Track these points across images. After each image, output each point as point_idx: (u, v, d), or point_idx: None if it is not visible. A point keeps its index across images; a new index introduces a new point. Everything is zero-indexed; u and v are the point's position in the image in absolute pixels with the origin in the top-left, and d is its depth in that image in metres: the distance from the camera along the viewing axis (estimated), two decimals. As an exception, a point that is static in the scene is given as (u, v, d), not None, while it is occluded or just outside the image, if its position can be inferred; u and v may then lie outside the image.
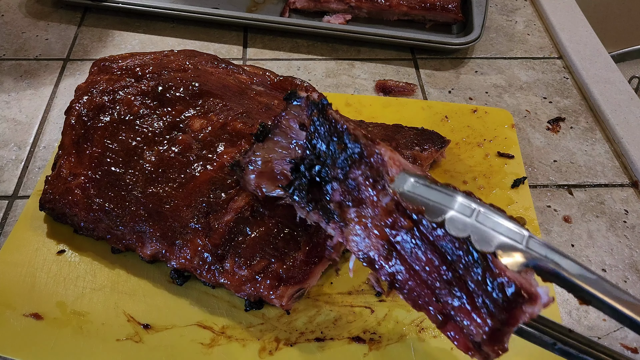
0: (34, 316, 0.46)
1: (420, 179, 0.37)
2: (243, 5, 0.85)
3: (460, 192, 0.36)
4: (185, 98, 0.55)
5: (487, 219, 0.35)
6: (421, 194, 0.37)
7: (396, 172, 0.38)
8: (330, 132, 0.40)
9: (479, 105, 0.71)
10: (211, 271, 0.46)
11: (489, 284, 0.33)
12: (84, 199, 0.50)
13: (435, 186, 0.37)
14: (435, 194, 0.37)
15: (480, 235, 0.34)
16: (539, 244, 0.34)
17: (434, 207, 0.36)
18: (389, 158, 0.38)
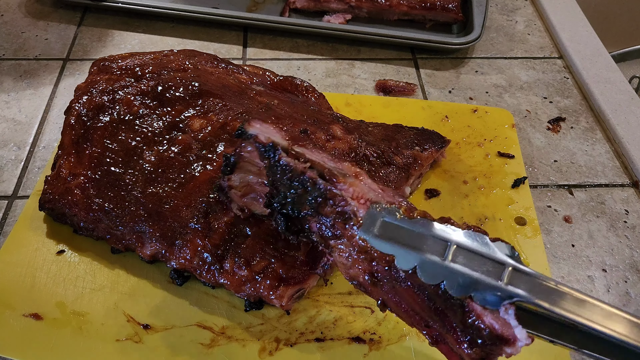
0: (34, 316, 0.46)
1: (390, 216, 0.36)
2: (243, 5, 0.85)
3: (434, 224, 0.34)
4: (185, 98, 0.55)
5: (464, 257, 0.33)
6: (391, 236, 0.35)
7: (363, 212, 0.37)
8: (289, 178, 0.39)
9: (479, 105, 0.70)
10: (211, 271, 0.46)
11: (468, 326, 0.33)
12: (83, 199, 0.50)
13: (406, 224, 0.35)
14: (406, 234, 0.35)
15: (454, 280, 0.33)
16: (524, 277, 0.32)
17: (404, 254, 0.35)
18: (353, 197, 0.37)
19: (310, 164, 0.39)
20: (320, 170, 0.38)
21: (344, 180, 0.38)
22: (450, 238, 0.34)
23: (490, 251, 0.33)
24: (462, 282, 0.33)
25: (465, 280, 0.32)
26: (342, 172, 0.39)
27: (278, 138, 0.41)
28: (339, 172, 0.39)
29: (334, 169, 0.39)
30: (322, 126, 0.54)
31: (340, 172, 0.39)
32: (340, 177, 0.38)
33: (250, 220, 0.47)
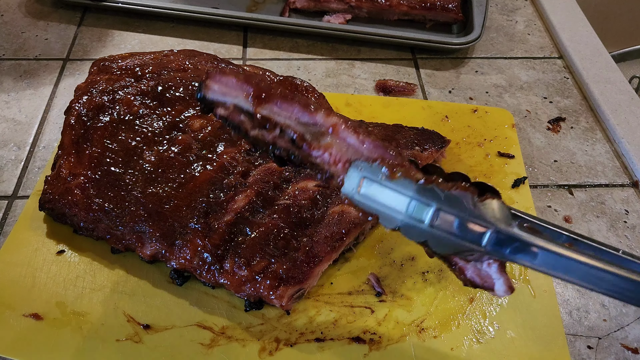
0: (34, 316, 0.46)
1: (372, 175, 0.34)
2: (243, 5, 0.85)
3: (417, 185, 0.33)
4: (185, 98, 0.55)
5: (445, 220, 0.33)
6: (374, 196, 0.35)
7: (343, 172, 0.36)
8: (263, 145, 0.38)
9: (479, 105, 0.70)
10: (211, 271, 0.46)
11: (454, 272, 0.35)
12: (83, 199, 0.50)
13: (388, 184, 0.34)
14: (389, 194, 0.34)
15: (437, 241, 0.33)
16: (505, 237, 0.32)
17: (387, 215, 0.34)
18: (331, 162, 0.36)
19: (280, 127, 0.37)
20: (291, 135, 0.37)
21: (318, 146, 0.36)
22: (432, 201, 0.33)
23: (473, 213, 0.32)
24: (443, 244, 0.33)
25: (446, 243, 0.33)
26: (317, 129, 0.36)
27: (241, 100, 0.38)
28: (312, 134, 0.36)
29: (306, 132, 0.36)
30: (322, 126, 0.54)
31: (314, 132, 0.36)
32: (314, 142, 0.36)
33: (251, 220, 0.47)
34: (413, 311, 0.48)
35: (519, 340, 0.46)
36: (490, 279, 0.33)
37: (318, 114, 0.36)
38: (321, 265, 0.46)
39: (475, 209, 0.32)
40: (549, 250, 0.31)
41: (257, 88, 0.37)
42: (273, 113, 0.37)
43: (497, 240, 0.32)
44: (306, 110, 0.36)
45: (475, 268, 0.34)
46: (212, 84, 0.38)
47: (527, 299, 0.49)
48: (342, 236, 0.47)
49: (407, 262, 0.51)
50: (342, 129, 0.36)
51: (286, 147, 0.37)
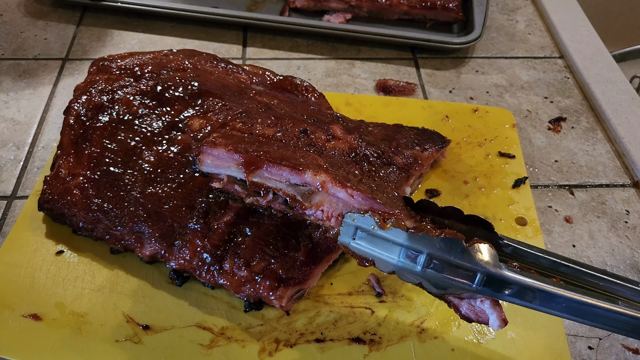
0: (33, 317, 0.46)
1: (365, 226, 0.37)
2: (243, 5, 0.85)
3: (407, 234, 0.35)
4: (184, 98, 0.55)
5: (437, 264, 0.35)
6: (368, 243, 0.37)
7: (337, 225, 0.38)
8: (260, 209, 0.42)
9: (479, 104, 0.70)
10: (210, 272, 0.46)
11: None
12: (82, 199, 0.50)
13: (380, 234, 0.36)
14: (382, 242, 0.36)
15: (430, 283, 0.35)
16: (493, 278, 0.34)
17: (382, 261, 0.37)
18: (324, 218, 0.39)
19: (272, 192, 0.40)
20: (284, 198, 0.40)
21: (309, 205, 0.39)
22: (423, 249, 0.35)
23: (463, 258, 0.34)
24: (436, 286, 0.35)
25: (439, 285, 0.35)
26: (307, 189, 0.39)
27: (234, 170, 0.40)
28: (302, 195, 0.39)
29: (297, 193, 0.39)
30: (322, 126, 0.54)
31: (305, 193, 0.39)
32: (306, 202, 0.39)
33: (250, 220, 0.47)
34: (413, 312, 0.47)
35: (520, 341, 0.46)
36: (484, 314, 0.36)
37: (306, 174, 0.38)
38: (321, 265, 0.46)
39: (464, 254, 0.34)
40: (536, 288, 0.33)
41: (246, 156, 0.39)
42: (264, 179, 0.39)
43: (487, 282, 0.34)
44: (295, 172, 0.38)
45: (470, 305, 0.36)
46: (204, 158, 0.40)
47: (528, 300, 0.49)
48: (342, 236, 0.47)
49: (408, 262, 0.51)
50: (331, 186, 0.38)
51: (281, 209, 0.40)
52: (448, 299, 0.36)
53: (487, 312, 0.36)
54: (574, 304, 0.33)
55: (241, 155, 0.40)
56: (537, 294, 0.34)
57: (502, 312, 0.36)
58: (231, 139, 0.41)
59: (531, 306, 0.34)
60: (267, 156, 0.39)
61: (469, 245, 0.34)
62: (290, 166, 0.39)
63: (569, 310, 0.33)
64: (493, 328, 0.36)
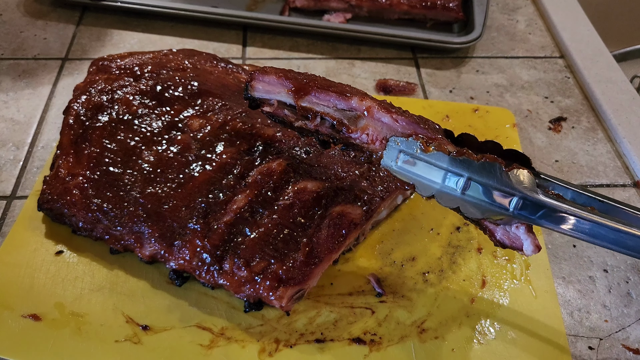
0: (32, 317, 0.46)
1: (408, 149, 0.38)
2: (242, 4, 0.85)
3: (449, 157, 0.36)
4: (184, 97, 0.55)
5: (476, 188, 0.36)
6: (410, 167, 0.38)
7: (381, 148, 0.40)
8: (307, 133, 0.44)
9: (480, 104, 0.70)
10: (210, 272, 0.46)
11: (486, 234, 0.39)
12: (82, 199, 0.49)
13: (423, 157, 0.37)
14: (424, 166, 0.37)
15: (467, 208, 0.37)
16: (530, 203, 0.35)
17: (423, 184, 0.38)
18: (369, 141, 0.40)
19: (320, 116, 0.41)
20: (331, 122, 0.41)
21: (355, 129, 0.40)
22: (463, 172, 0.36)
23: (501, 181, 0.35)
24: (474, 210, 0.36)
25: (476, 209, 0.36)
26: (353, 114, 0.40)
27: (283, 95, 0.42)
28: (349, 119, 0.40)
29: (343, 117, 0.40)
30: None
31: (351, 117, 0.40)
32: (352, 126, 0.40)
33: (250, 220, 0.47)
34: (414, 312, 0.47)
35: (520, 341, 0.46)
36: (519, 239, 0.37)
37: (353, 100, 0.40)
38: (321, 265, 0.46)
39: (503, 178, 0.35)
40: (572, 214, 0.34)
41: (295, 82, 0.42)
42: (312, 104, 0.41)
43: (523, 206, 0.35)
44: (342, 98, 0.40)
45: (504, 230, 0.37)
46: (256, 84, 0.43)
47: (528, 300, 0.49)
48: (342, 236, 0.47)
49: (408, 262, 0.51)
50: (376, 110, 0.39)
51: (328, 133, 0.42)
52: (484, 224, 0.38)
53: (521, 238, 0.36)
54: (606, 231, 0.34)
55: (291, 81, 0.42)
56: (571, 220, 0.34)
57: (535, 238, 0.36)
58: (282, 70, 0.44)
59: (564, 231, 0.35)
60: (315, 82, 0.42)
61: (508, 170, 0.35)
62: (338, 92, 0.41)
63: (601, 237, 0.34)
64: (527, 253, 0.36)
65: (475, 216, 0.37)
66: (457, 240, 0.53)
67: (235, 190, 0.48)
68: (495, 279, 0.50)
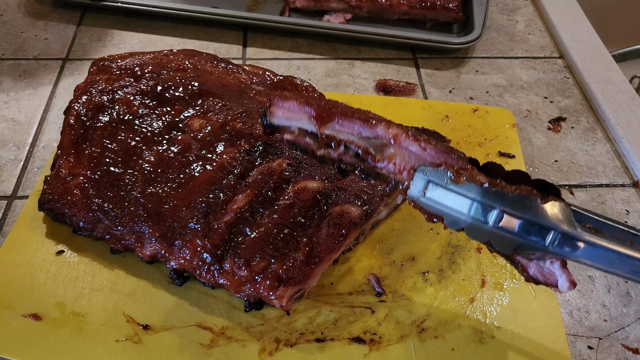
0: (33, 317, 0.46)
1: (438, 180, 0.36)
2: (243, 5, 0.85)
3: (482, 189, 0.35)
4: (184, 98, 0.55)
5: (508, 223, 0.34)
6: (439, 199, 0.36)
7: (408, 179, 0.38)
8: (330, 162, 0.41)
9: (479, 104, 0.70)
10: (211, 272, 0.46)
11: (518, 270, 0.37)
12: (82, 199, 0.50)
13: (453, 188, 0.35)
14: (453, 198, 0.35)
15: (500, 241, 0.35)
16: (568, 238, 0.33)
17: (452, 216, 0.36)
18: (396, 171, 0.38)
19: (344, 144, 0.39)
20: (356, 150, 0.39)
21: (382, 158, 0.38)
22: (496, 204, 0.34)
23: (537, 215, 0.33)
24: (507, 244, 0.34)
25: (510, 243, 0.34)
26: (379, 142, 0.38)
27: (305, 123, 0.40)
28: (375, 147, 0.38)
29: (369, 145, 0.39)
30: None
31: (377, 145, 0.38)
32: (378, 155, 0.38)
33: (250, 220, 0.47)
34: (413, 311, 0.47)
35: (520, 340, 0.46)
36: (553, 275, 0.35)
37: (379, 127, 0.38)
38: (321, 265, 0.46)
39: (539, 211, 0.33)
40: (611, 250, 0.32)
41: (318, 109, 0.39)
42: (336, 131, 0.39)
43: (560, 241, 0.33)
44: (367, 125, 0.38)
45: (538, 266, 0.35)
46: (276, 111, 0.41)
47: (528, 299, 0.49)
48: (342, 236, 0.47)
49: (408, 262, 0.51)
50: (404, 139, 0.37)
51: (351, 162, 0.40)
52: (516, 260, 0.36)
53: (556, 274, 0.35)
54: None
55: (313, 108, 0.40)
56: (610, 255, 0.33)
57: (570, 274, 0.35)
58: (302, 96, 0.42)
59: (603, 268, 0.33)
60: (339, 109, 0.40)
61: (545, 202, 0.33)
62: (362, 119, 0.39)
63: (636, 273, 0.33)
64: (562, 290, 0.35)
65: (508, 251, 0.35)
66: (456, 240, 0.53)
67: (235, 190, 0.48)
68: (494, 278, 0.50)
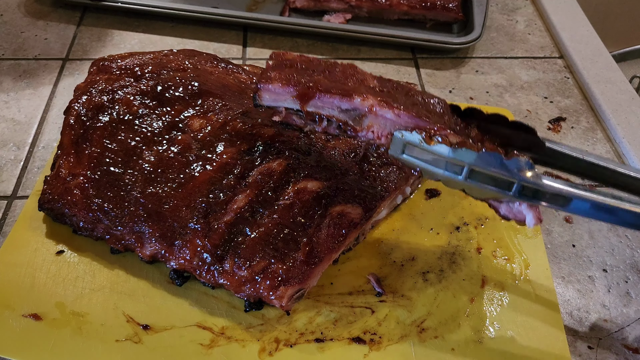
0: (33, 317, 0.46)
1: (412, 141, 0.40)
2: (243, 5, 0.85)
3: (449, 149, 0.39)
4: (184, 98, 0.55)
5: (479, 175, 0.39)
6: (416, 156, 0.41)
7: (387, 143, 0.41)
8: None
9: (479, 104, 0.70)
10: (211, 272, 0.46)
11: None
12: (83, 199, 0.50)
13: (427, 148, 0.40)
14: (428, 155, 0.40)
15: (472, 190, 0.40)
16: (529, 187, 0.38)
17: (428, 171, 0.41)
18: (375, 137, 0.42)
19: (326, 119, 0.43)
20: (338, 124, 0.43)
21: (361, 128, 0.42)
22: (465, 161, 0.39)
23: (502, 169, 0.38)
24: (478, 193, 0.40)
25: (480, 192, 0.39)
26: (358, 114, 0.42)
27: (289, 102, 0.43)
28: (354, 119, 0.42)
29: (348, 118, 0.42)
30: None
31: (356, 117, 0.42)
32: (357, 126, 0.42)
33: (250, 220, 0.47)
34: (413, 311, 0.47)
35: (520, 340, 0.46)
36: (521, 214, 0.40)
37: (356, 100, 0.41)
38: (321, 265, 0.46)
39: (503, 166, 0.38)
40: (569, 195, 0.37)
41: (300, 88, 0.42)
42: (318, 107, 0.43)
43: (522, 191, 0.38)
44: (345, 99, 0.41)
45: (508, 206, 0.41)
46: (263, 94, 0.44)
47: (528, 299, 0.49)
48: (342, 236, 0.47)
49: (408, 262, 0.51)
50: (379, 109, 0.41)
51: (336, 133, 0.44)
52: (488, 202, 0.41)
53: (523, 212, 0.40)
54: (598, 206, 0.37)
55: (295, 87, 0.43)
56: (569, 200, 0.37)
57: (537, 211, 0.39)
58: (284, 71, 0.44)
59: (563, 209, 0.38)
60: (318, 86, 0.42)
61: (508, 157, 0.37)
62: (340, 94, 0.42)
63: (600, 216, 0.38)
64: (529, 226, 0.40)
65: (480, 198, 0.40)
66: (456, 240, 0.53)
67: (235, 190, 0.48)
68: (494, 278, 0.50)
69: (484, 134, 0.42)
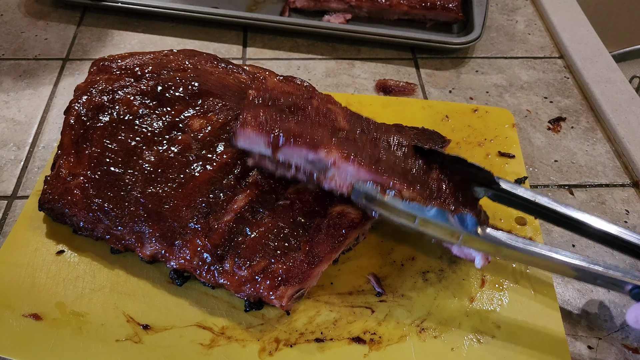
0: (33, 317, 0.46)
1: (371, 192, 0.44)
2: (243, 5, 0.85)
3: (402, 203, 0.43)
4: (184, 98, 0.55)
5: (428, 227, 0.44)
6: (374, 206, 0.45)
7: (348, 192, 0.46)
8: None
9: (479, 104, 0.70)
10: (211, 271, 0.46)
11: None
12: (83, 199, 0.50)
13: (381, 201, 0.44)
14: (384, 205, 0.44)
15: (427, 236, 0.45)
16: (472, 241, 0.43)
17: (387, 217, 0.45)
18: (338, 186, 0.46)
19: (295, 167, 0.46)
20: (305, 172, 0.46)
21: (324, 178, 0.46)
22: (417, 214, 0.43)
23: (449, 223, 0.43)
24: (431, 237, 0.45)
25: (433, 237, 0.45)
26: (322, 165, 0.45)
27: (262, 148, 0.45)
28: (319, 170, 0.45)
29: (314, 168, 0.46)
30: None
31: (321, 168, 0.45)
32: (321, 176, 0.46)
33: (250, 220, 0.47)
34: (413, 311, 0.48)
35: (519, 340, 0.46)
36: (471, 255, 0.46)
37: (321, 152, 0.44)
38: (321, 265, 0.46)
39: (449, 220, 0.43)
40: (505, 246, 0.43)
41: (271, 137, 0.45)
42: (287, 156, 0.45)
43: (466, 240, 0.44)
44: (312, 150, 0.44)
45: (459, 248, 0.46)
46: (239, 138, 0.46)
47: (527, 299, 0.49)
48: (342, 236, 0.47)
49: (408, 262, 0.51)
50: (341, 162, 0.44)
51: (304, 180, 0.47)
52: (442, 244, 0.47)
53: (473, 254, 0.46)
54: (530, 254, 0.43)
55: (266, 135, 0.45)
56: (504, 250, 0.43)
57: (485, 254, 0.45)
58: (260, 114, 0.46)
59: (500, 256, 0.46)
60: (289, 136, 0.45)
61: (454, 213, 0.43)
62: (307, 145, 0.44)
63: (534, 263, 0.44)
64: (477, 266, 0.46)
65: (435, 241, 0.46)
66: (456, 240, 0.53)
67: (235, 190, 0.49)
68: (494, 278, 0.50)
69: (444, 174, 0.46)
